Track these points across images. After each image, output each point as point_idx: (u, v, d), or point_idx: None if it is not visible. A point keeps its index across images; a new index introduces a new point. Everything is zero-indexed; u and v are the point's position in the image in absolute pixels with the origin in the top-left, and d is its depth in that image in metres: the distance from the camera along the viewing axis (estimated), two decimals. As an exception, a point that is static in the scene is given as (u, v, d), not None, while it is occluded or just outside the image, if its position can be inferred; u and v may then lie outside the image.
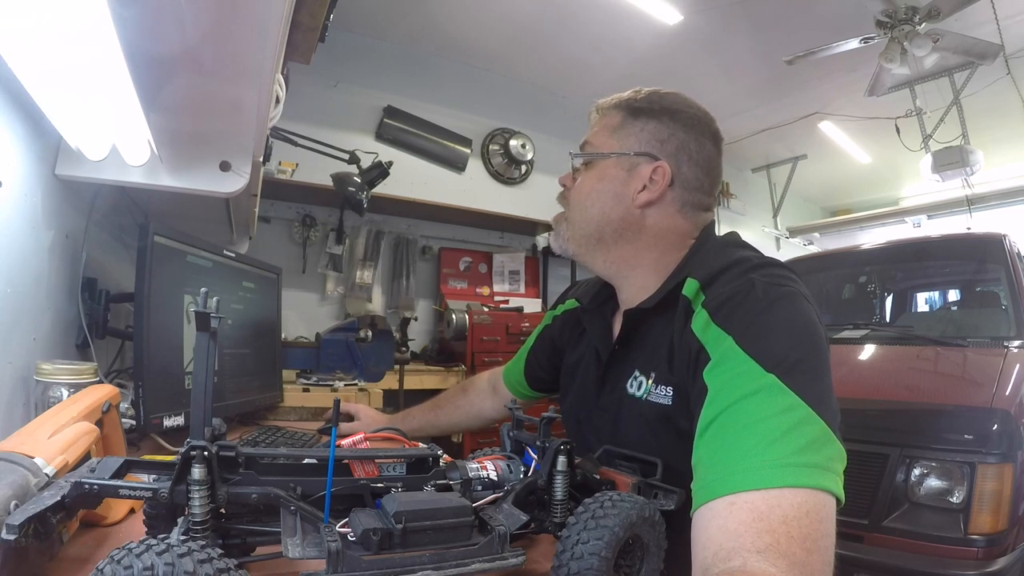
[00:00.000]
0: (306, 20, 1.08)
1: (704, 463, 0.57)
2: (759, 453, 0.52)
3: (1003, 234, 2.43)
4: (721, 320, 0.63)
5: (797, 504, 0.49)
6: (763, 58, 3.61)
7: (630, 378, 0.78)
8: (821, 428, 0.54)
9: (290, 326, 2.90)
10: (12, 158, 0.81)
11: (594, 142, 0.84)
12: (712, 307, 0.65)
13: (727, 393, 0.58)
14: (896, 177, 5.68)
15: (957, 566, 1.47)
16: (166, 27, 0.73)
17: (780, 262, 0.73)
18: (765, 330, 0.60)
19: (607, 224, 0.81)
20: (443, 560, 0.46)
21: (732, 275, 0.69)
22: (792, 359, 0.57)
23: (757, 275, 0.67)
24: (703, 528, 0.52)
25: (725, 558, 0.48)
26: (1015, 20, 3.25)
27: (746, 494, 0.51)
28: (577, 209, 0.84)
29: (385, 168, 2.05)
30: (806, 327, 0.62)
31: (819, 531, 0.49)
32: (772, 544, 0.47)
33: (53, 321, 1.00)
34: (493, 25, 3.34)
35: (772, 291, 0.64)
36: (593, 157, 0.83)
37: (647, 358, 0.77)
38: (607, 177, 0.81)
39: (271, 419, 1.51)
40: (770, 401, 0.55)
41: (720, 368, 0.60)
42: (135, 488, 0.44)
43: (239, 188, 0.99)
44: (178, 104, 0.90)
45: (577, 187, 0.85)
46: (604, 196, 0.81)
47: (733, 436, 0.55)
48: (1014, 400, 1.61)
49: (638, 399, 0.76)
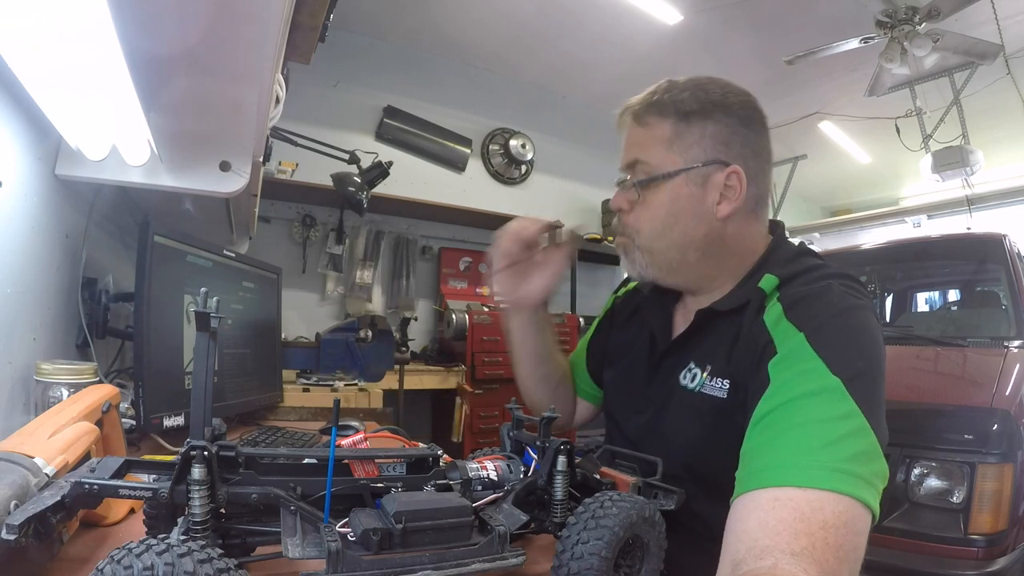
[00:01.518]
0: (306, 20, 1.08)
1: (754, 451, 0.57)
2: (812, 452, 0.52)
3: (1003, 234, 2.44)
4: (794, 316, 0.63)
5: (839, 512, 0.50)
6: (763, 58, 3.61)
7: (684, 370, 0.76)
8: (872, 442, 0.54)
9: (290, 326, 2.90)
10: (12, 158, 0.81)
11: (651, 160, 0.75)
12: (787, 303, 0.65)
13: (789, 387, 0.58)
14: (896, 177, 5.68)
15: (957, 566, 1.47)
16: (166, 27, 0.72)
17: (855, 276, 0.72)
18: (837, 334, 0.60)
19: (691, 245, 0.75)
20: (443, 560, 0.46)
21: (811, 277, 0.69)
22: (858, 368, 0.57)
23: (835, 281, 0.67)
24: (742, 518, 0.52)
25: (758, 555, 0.48)
26: (1015, 20, 3.25)
27: (792, 490, 0.51)
28: (652, 237, 0.76)
29: (385, 168, 2.06)
30: (875, 342, 0.62)
31: (853, 543, 0.49)
32: (808, 548, 0.47)
33: (53, 321, 1.00)
34: (493, 25, 3.34)
35: (849, 299, 0.64)
36: (656, 180, 0.75)
37: (705, 351, 0.74)
38: (681, 196, 0.74)
39: (271, 419, 1.51)
40: (831, 404, 0.55)
41: (787, 362, 0.60)
42: (135, 488, 0.44)
43: (239, 188, 0.99)
44: (178, 104, 0.90)
45: (645, 213, 0.76)
46: (683, 217, 0.74)
47: (789, 430, 0.55)
48: (1014, 400, 1.61)
49: (691, 391, 0.74)
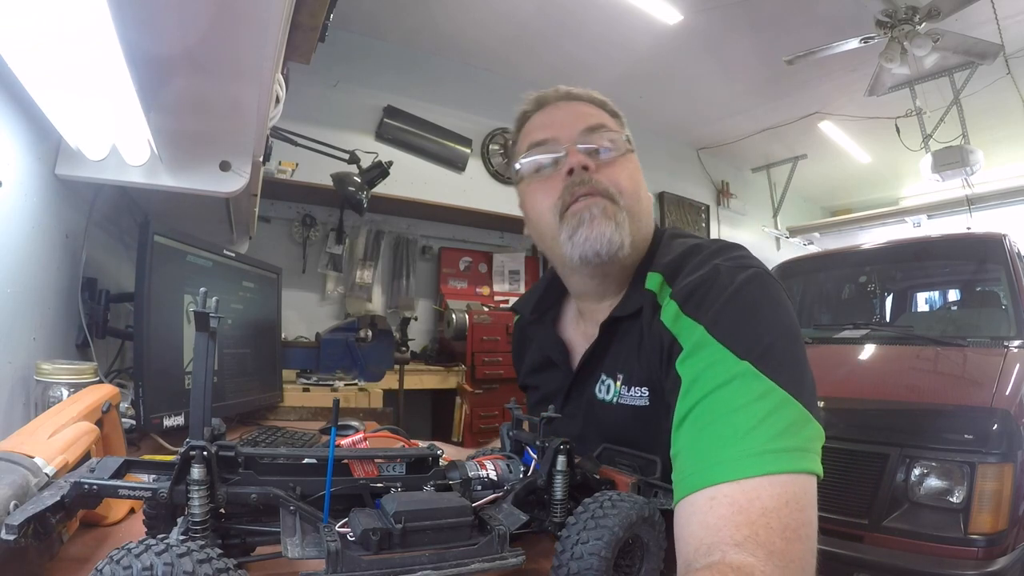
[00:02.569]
0: (306, 20, 1.08)
1: (682, 455, 0.57)
2: (736, 443, 0.52)
3: (1003, 234, 2.43)
4: (691, 310, 0.62)
5: (776, 494, 0.50)
6: (763, 58, 3.61)
7: (597, 383, 0.76)
8: (798, 410, 0.54)
9: (290, 326, 2.90)
10: (12, 158, 0.81)
11: (617, 132, 0.77)
12: (680, 298, 0.64)
13: (702, 383, 0.57)
14: (896, 177, 5.68)
15: (957, 566, 1.47)
16: (166, 27, 0.73)
17: (735, 244, 0.71)
18: (736, 316, 0.60)
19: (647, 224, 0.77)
20: (443, 560, 0.46)
21: (695, 264, 0.67)
22: (765, 343, 0.57)
23: (720, 260, 0.66)
24: (685, 524, 0.53)
25: (705, 553, 0.48)
26: (1015, 20, 3.25)
27: (725, 486, 0.51)
28: (633, 198, 0.74)
29: (385, 168, 2.05)
30: (775, 308, 0.61)
31: (799, 520, 0.49)
32: (750, 536, 0.48)
33: (53, 321, 1.00)
34: (493, 25, 3.34)
35: (738, 275, 0.63)
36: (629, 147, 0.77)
37: (613, 360, 0.74)
38: (639, 171, 0.77)
39: (271, 419, 1.51)
40: (745, 389, 0.55)
41: (693, 358, 0.60)
42: (135, 488, 0.44)
43: (239, 188, 0.99)
44: (178, 104, 0.90)
45: (622, 172, 0.74)
46: (645, 193, 0.76)
47: (710, 427, 0.55)
48: (1014, 400, 1.61)
49: (608, 403, 0.74)
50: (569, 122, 0.76)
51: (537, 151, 0.77)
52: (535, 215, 0.78)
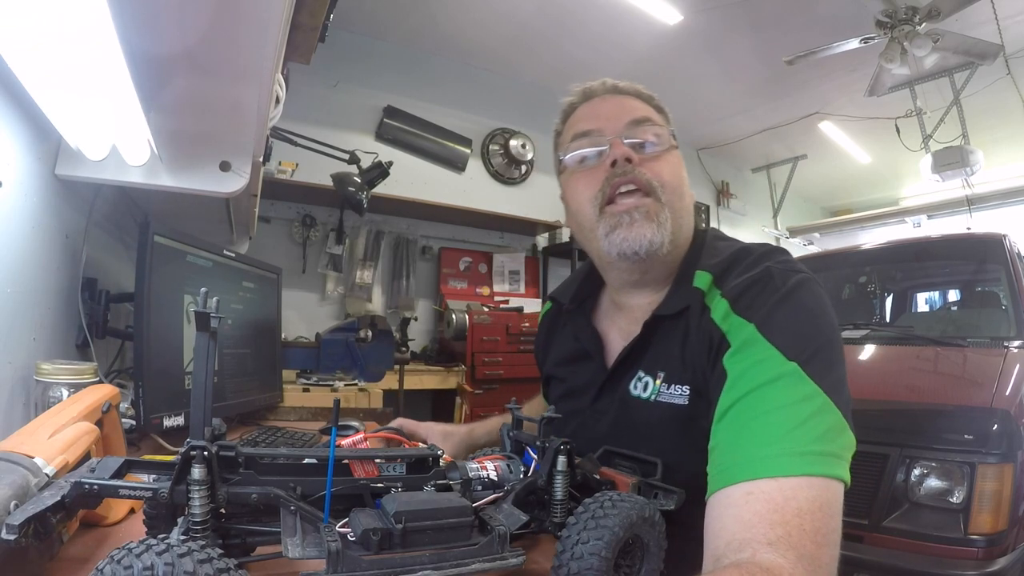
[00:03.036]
0: (306, 20, 1.08)
1: (722, 447, 0.57)
2: (778, 441, 0.53)
3: (1003, 234, 2.43)
4: (742, 309, 0.63)
5: (812, 497, 0.50)
6: (763, 58, 3.61)
7: (633, 380, 0.75)
8: (837, 417, 0.55)
9: (290, 326, 2.90)
10: (12, 158, 0.81)
11: (660, 125, 0.76)
12: (732, 296, 0.65)
13: (748, 379, 0.58)
14: (896, 177, 5.68)
15: (957, 566, 1.46)
16: (166, 27, 0.73)
17: (782, 248, 0.72)
18: (786, 318, 0.61)
19: (688, 220, 0.76)
20: (443, 560, 0.46)
21: (746, 264, 0.68)
22: (812, 347, 0.58)
23: (772, 263, 0.67)
24: (718, 516, 0.53)
25: (737, 548, 0.49)
26: (1015, 20, 3.25)
27: (763, 482, 0.51)
28: (676, 193, 0.73)
29: (385, 168, 2.05)
30: (824, 315, 0.62)
31: (829, 525, 0.50)
32: (784, 536, 0.48)
33: (53, 321, 1.00)
34: (493, 25, 3.34)
35: (790, 278, 0.64)
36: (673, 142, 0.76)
37: (654, 357, 0.73)
38: (683, 167, 0.76)
39: (271, 419, 1.51)
40: (790, 389, 0.55)
41: (741, 354, 0.60)
42: (135, 488, 0.44)
43: (239, 188, 0.99)
44: (178, 104, 0.90)
45: (666, 167, 0.73)
46: (688, 190, 0.76)
47: (752, 422, 0.56)
48: (1014, 400, 1.60)
49: (645, 400, 0.73)
50: (614, 115, 0.76)
51: (581, 142, 0.77)
52: (575, 206, 0.78)
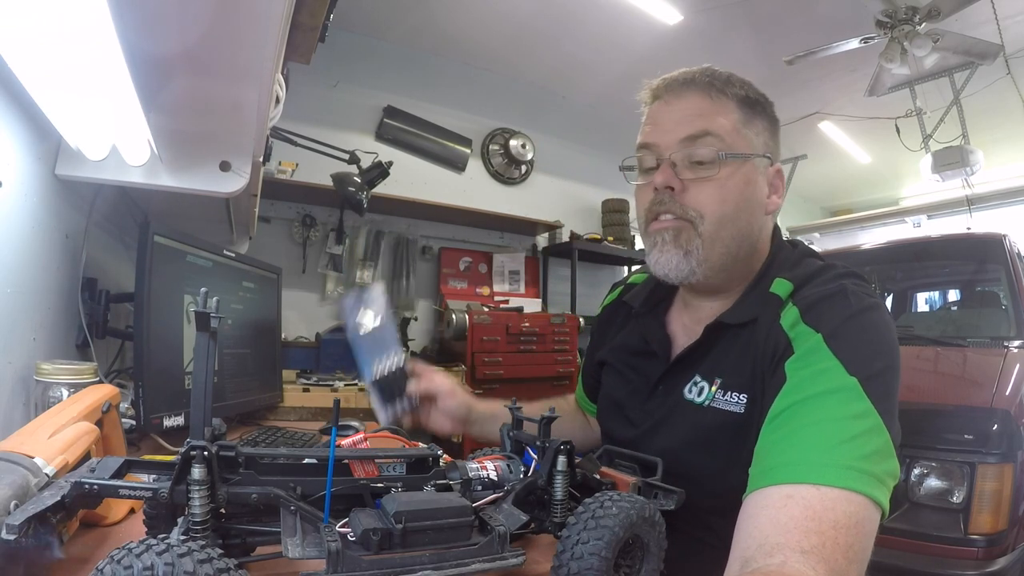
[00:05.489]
0: (306, 20, 1.08)
1: (768, 448, 0.57)
2: (827, 450, 0.52)
3: (1003, 234, 2.43)
4: (811, 319, 0.63)
5: (851, 512, 0.50)
6: (763, 58, 3.60)
7: (689, 383, 0.73)
8: (887, 441, 0.54)
9: (290, 326, 2.90)
10: (12, 158, 0.81)
11: (725, 137, 0.70)
12: (803, 306, 0.65)
13: (806, 386, 0.58)
14: (896, 177, 5.68)
15: (957, 566, 1.47)
16: (166, 27, 0.73)
17: (862, 275, 0.71)
18: (854, 335, 0.60)
19: (746, 238, 0.72)
20: (443, 560, 0.46)
21: (824, 279, 0.69)
22: (875, 368, 0.58)
23: (848, 282, 0.67)
24: (753, 515, 0.52)
25: (768, 552, 0.48)
26: (1015, 20, 3.25)
27: (804, 488, 0.50)
28: (720, 223, 0.70)
29: (385, 168, 2.05)
30: (891, 342, 0.62)
31: (862, 545, 0.49)
32: (818, 546, 0.47)
33: (53, 321, 1.00)
34: (493, 25, 3.34)
35: (863, 299, 0.64)
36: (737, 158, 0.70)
37: (712, 363, 0.72)
38: (752, 182, 0.71)
39: (271, 419, 1.51)
40: (847, 403, 0.55)
41: (803, 361, 0.60)
42: (135, 488, 0.44)
43: (239, 188, 0.99)
44: (178, 104, 0.90)
45: (716, 193, 0.70)
46: (750, 205, 0.72)
47: (804, 428, 0.55)
48: (1014, 400, 1.61)
49: (698, 405, 0.71)
50: (671, 127, 0.72)
51: (640, 153, 0.76)
52: (636, 212, 0.79)
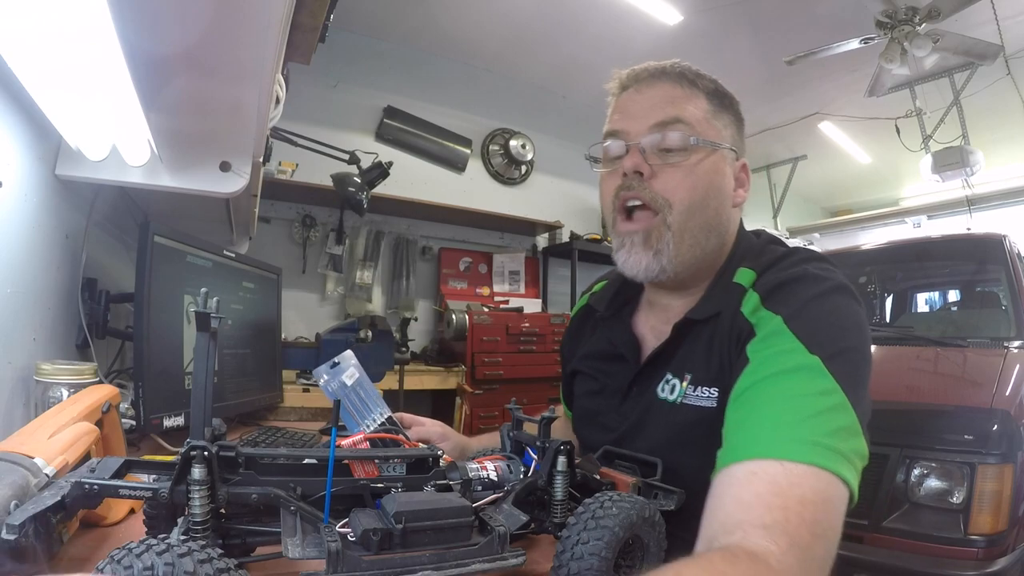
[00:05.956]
0: (306, 20, 1.08)
1: (732, 428, 0.56)
2: (792, 426, 0.51)
3: (1003, 234, 2.43)
4: (772, 303, 0.63)
5: (818, 489, 0.49)
6: (763, 58, 3.60)
7: (660, 382, 0.73)
8: (853, 420, 0.53)
9: (290, 326, 2.90)
10: (12, 158, 0.81)
11: (695, 125, 0.70)
12: (764, 291, 0.65)
13: (768, 365, 0.57)
14: (896, 177, 5.68)
15: (957, 566, 1.46)
16: (166, 27, 0.73)
17: (826, 256, 0.71)
18: (815, 315, 0.60)
19: (714, 229, 0.71)
20: (443, 560, 0.46)
21: (786, 264, 0.68)
22: (838, 347, 0.57)
23: (810, 265, 0.66)
24: (718, 495, 0.52)
25: (729, 531, 0.47)
26: (1015, 20, 3.24)
27: (769, 463, 0.50)
28: (688, 212, 0.69)
29: (385, 168, 2.05)
30: (855, 322, 0.61)
31: (830, 521, 0.49)
32: (781, 521, 0.46)
33: (53, 321, 1.00)
34: (493, 25, 3.34)
35: (825, 282, 0.63)
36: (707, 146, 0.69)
37: (682, 359, 0.72)
38: (720, 172, 0.70)
39: (271, 419, 1.51)
40: (810, 381, 0.54)
41: (765, 343, 0.60)
42: (135, 488, 0.44)
43: (239, 188, 0.99)
44: (178, 104, 0.90)
45: (685, 179, 0.68)
46: (719, 195, 0.71)
47: (767, 404, 0.54)
48: (1014, 400, 1.60)
49: (671, 403, 0.71)
50: (641, 113, 0.72)
51: (607, 142, 0.75)
52: (602, 203, 0.78)
